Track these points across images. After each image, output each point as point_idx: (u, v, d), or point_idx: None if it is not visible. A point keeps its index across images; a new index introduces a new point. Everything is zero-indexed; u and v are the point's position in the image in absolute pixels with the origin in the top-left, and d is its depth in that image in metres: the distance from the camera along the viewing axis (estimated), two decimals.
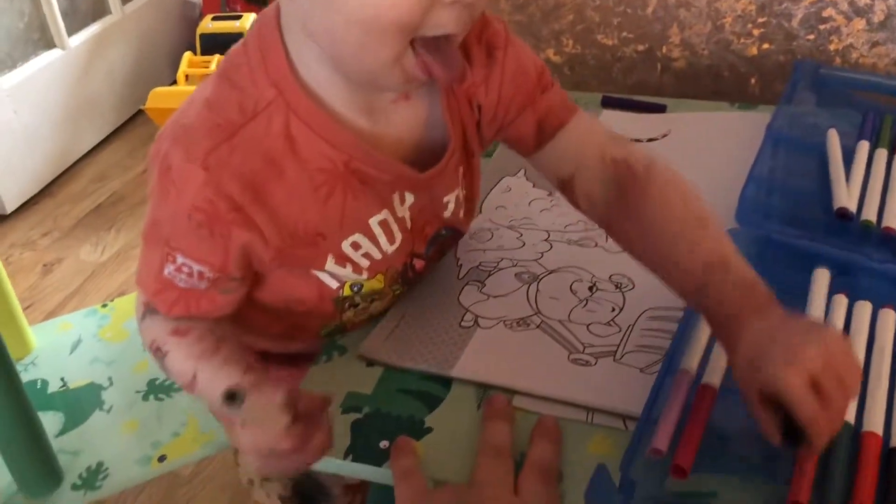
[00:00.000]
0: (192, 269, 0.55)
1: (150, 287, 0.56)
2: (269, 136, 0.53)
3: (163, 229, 0.54)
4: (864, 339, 0.59)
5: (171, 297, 0.56)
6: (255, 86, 0.53)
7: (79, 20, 2.15)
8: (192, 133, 0.53)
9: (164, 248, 0.54)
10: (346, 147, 0.55)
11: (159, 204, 0.54)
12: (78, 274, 1.80)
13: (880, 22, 0.94)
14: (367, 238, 0.60)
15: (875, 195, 0.73)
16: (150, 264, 0.56)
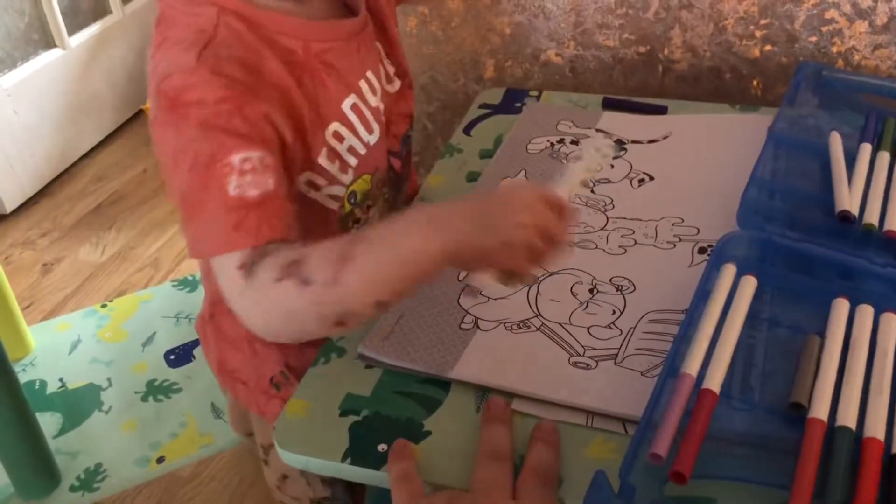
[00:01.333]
0: (252, 157, 0.52)
1: (224, 227, 0.51)
2: (233, 42, 0.55)
3: (203, 153, 0.51)
4: (866, 343, 0.58)
5: (251, 220, 0.51)
6: (195, 13, 0.55)
7: (79, 20, 2.15)
8: (171, 64, 0.53)
9: (212, 169, 0.51)
10: (298, 31, 0.57)
11: (187, 141, 0.51)
12: (77, 274, 1.80)
13: (883, 24, 0.94)
14: (345, 127, 0.61)
15: (877, 198, 0.73)
16: (211, 207, 0.51)
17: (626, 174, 0.83)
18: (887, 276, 0.63)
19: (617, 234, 0.75)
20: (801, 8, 0.95)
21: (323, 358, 0.65)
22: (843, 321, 0.60)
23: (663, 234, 0.74)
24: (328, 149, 0.60)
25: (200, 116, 0.52)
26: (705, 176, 0.81)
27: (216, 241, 0.52)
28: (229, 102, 0.52)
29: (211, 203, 0.52)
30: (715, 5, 0.98)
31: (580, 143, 0.88)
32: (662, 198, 0.79)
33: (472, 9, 1.07)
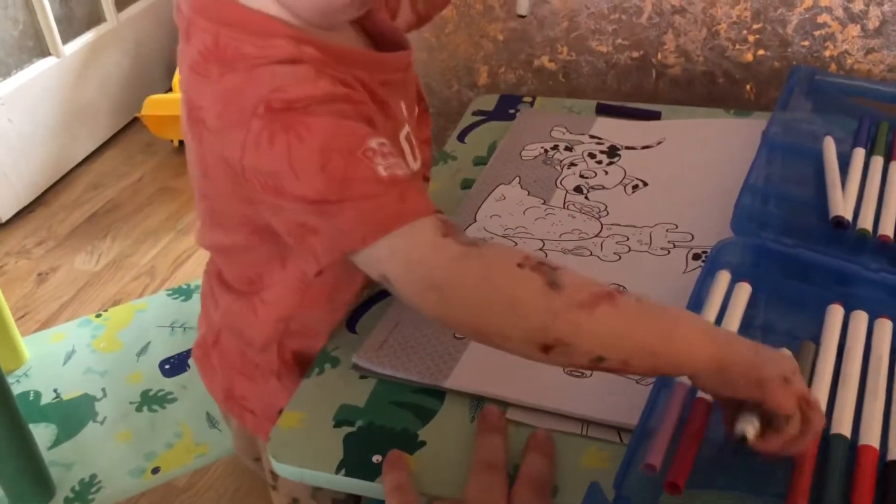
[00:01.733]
0: (386, 143, 0.50)
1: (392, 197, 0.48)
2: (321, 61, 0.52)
3: (338, 147, 0.48)
4: (861, 349, 0.58)
5: (412, 194, 0.49)
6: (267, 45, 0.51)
7: (73, 28, 2.14)
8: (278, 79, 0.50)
9: (353, 156, 0.48)
10: (365, 62, 0.57)
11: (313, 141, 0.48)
12: (72, 283, 1.79)
13: (875, 28, 0.94)
14: (400, 156, 0.59)
15: (871, 203, 0.73)
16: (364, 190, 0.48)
17: (620, 180, 0.83)
18: (881, 281, 0.63)
19: (612, 241, 0.75)
20: (793, 12, 0.95)
21: (317, 368, 0.65)
22: (838, 327, 0.60)
23: (658, 240, 0.74)
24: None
25: (324, 112, 0.49)
26: (699, 181, 0.81)
27: (386, 217, 0.48)
28: (351, 102, 0.51)
29: (363, 189, 0.48)
30: (707, 10, 0.98)
31: (573, 149, 0.88)
32: (656, 204, 0.79)
33: (465, 16, 1.07)
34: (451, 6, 1.07)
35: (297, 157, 0.48)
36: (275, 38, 0.52)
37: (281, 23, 0.53)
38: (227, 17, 0.53)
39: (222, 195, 0.58)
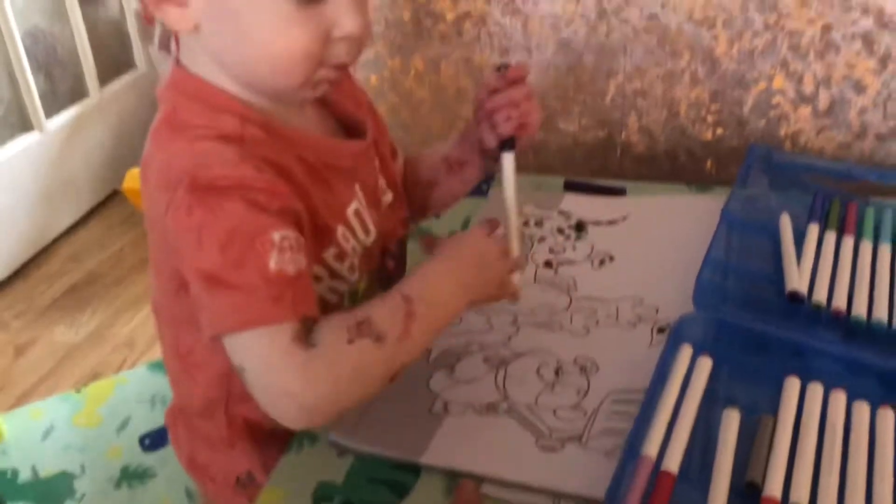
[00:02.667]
0: (289, 237, 0.54)
1: (264, 302, 0.52)
2: (262, 142, 0.58)
3: (241, 231, 0.52)
4: (816, 421, 0.61)
5: (289, 295, 0.52)
6: (216, 118, 0.57)
7: (57, 102, 2.18)
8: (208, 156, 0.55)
9: (255, 242, 0.52)
10: (310, 144, 0.61)
11: (222, 221, 0.52)
12: (51, 356, 1.79)
13: (825, 109, 0.99)
14: (348, 230, 0.64)
15: (825, 277, 0.76)
16: (251, 282, 0.52)
17: (588, 255, 0.87)
18: (835, 353, 0.66)
19: (581, 315, 0.77)
20: (748, 94, 1.01)
21: (296, 445, 0.66)
22: (795, 399, 0.63)
23: (624, 314, 0.77)
24: (337, 249, 0.63)
25: (238, 197, 0.53)
26: (663, 256, 0.85)
27: (254, 314, 0.52)
28: (268, 191, 0.54)
29: (247, 278, 0.52)
30: (668, 92, 1.03)
31: (543, 224, 0.92)
32: (623, 278, 0.82)
33: (438, 98, 1.12)
34: (426, 88, 1.12)
35: (206, 232, 0.53)
36: (224, 113, 0.58)
37: (236, 100, 0.59)
38: (188, 90, 0.59)
39: (157, 249, 0.63)
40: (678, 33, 1.00)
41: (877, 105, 0.98)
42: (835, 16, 0.94)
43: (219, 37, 0.57)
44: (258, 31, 0.55)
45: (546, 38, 1.05)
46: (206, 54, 0.58)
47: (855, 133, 1.00)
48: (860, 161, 1.01)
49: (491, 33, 1.07)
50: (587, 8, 1.01)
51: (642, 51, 1.02)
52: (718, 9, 0.97)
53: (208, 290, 0.53)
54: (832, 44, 0.96)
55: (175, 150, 0.57)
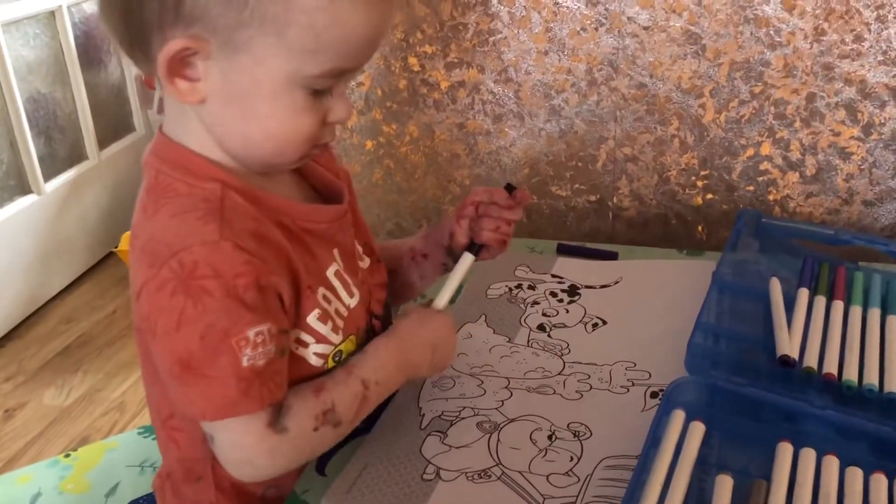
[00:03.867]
0: (264, 333, 0.56)
1: (235, 400, 0.56)
2: (243, 209, 0.59)
3: (219, 325, 0.55)
4: (810, 486, 0.61)
5: (259, 390, 0.57)
6: (197, 185, 0.59)
7: (56, 166, 2.20)
8: (189, 234, 0.56)
9: (229, 341, 0.55)
10: (287, 210, 0.63)
11: (202, 312, 0.54)
12: (41, 419, 1.77)
13: (812, 175, 1.01)
14: (330, 291, 0.65)
15: (815, 342, 0.77)
16: (222, 377, 0.55)
17: (581, 318, 0.87)
18: (827, 418, 0.66)
19: (574, 379, 0.78)
20: (737, 160, 1.03)
21: None
22: (788, 465, 0.63)
23: (617, 378, 0.77)
24: (320, 310, 0.64)
25: (219, 290, 0.55)
26: (655, 320, 0.85)
27: (225, 406, 0.56)
28: (246, 277, 0.55)
29: (222, 371, 0.55)
30: (658, 158, 1.05)
31: (536, 287, 0.92)
32: (615, 342, 0.83)
33: (433, 163, 1.14)
34: (420, 153, 1.14)
35: (185, 320, 0.55)
36: (206, 180, 0.59)
37: (218, 168, 0.60)
38: (170, 157, 0.61)
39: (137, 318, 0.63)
40: (666, 101, 1.02)
41: (863, 171, 1.00)
42: (818, 85, 0.97)
43: (224, 114, 0.58)
44: (269, 116, 0.58)
45: (538, 105, 1.08)
46: (201, 124, 0.60)
47: (842, 199, 1.02)
48: (848, 226, 1.02)
49: (484, 101, 1.09)
50: (578, 77, 1.04)
51: (632, 118, 1.04)
52: (705, 78, 1.00)
53: (181, 375, 0.56)
54: (817, 112, 0.98)
55: (158, 223, 0.58)
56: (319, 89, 0.58)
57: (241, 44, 0.55)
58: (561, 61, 1.04)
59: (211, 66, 0.56)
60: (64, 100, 2.23)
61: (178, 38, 0.54)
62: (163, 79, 0.56)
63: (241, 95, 0.57)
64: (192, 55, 0.55)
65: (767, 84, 0.99)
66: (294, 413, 0.60)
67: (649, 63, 1.01)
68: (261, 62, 0.55)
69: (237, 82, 0.56)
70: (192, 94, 0.57)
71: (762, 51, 0.97)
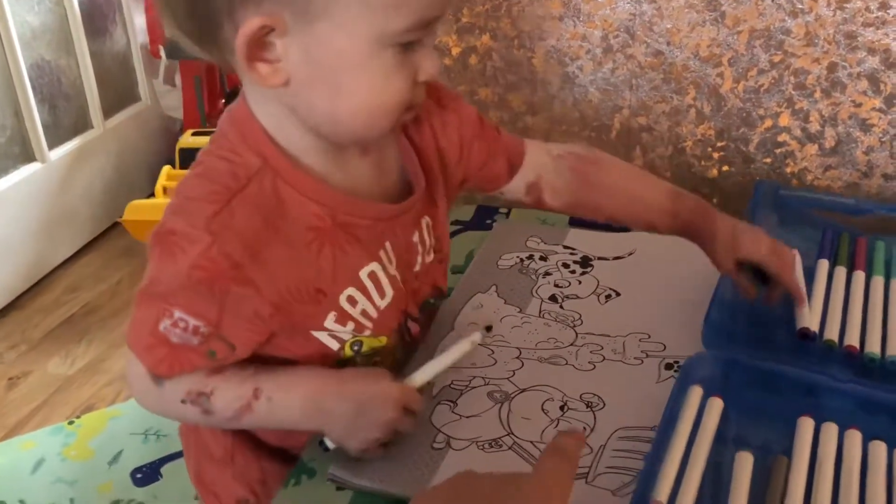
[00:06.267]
0: (188, 323, 0.57)
1: (143, 341, 0.58)
2: (262, 199, 0.57)
3: (161, 287, 0.57)
4: (832, 462, 0.59)
5: (160, 353, 0.58)
6: (240, 156, 0.58)
7: (60, 134, 2.18)
8: (192, 202, 0.57)
9: (160, 304, 0.57)
10: (330, 201, 0.60)
11: (160, 265, 0.57)
12: (44, 388, 1.76)
13: (831, 147, 0.99)
14: (360, 291, 0.63)
15: (836, 314, 0.75)
16: (144, 321, 0.58)
17: (594, 290, 0.85)
18: (849, 392, 0.64)
19: (586, 350, 0.76)
20: (754, 132, 1.01)
21: (293, 479, 0.64)
22: (809, 440, 0.61)
23: (631, 349, 0.76)
24: (339, 313, 0.62)
25: (180, 265, 0.55)
26: (669, 292, 0.83)
27: (135, 336, 0.59)
28: (203, 272, 0.55)
29: (146, 316, 0.58)
30: (673, 129, 1.03)
31: (548, 258, 0.91)
32: (629, 313, 0.81)
33: None
34: None
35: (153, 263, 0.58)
36: (253, 153, 0.58)
37: (274, 147, 0.58)
38: (240, 122, 0.60)
39: None
40: (683, 70, 1.00)
41: (883, 144, 0.97)
42: (840, 54, 0.94)
43: (308, 94, 0.55)
44: (359, 86, 0.54)
45: (551, 73, 1.05)
46: (281, 105, 0.57)
47: (861, 172, 1.00)
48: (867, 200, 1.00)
49: (496, 68, 1.07)
50: (593, 44, 1.02)
51: (648, 87, 1.02)
52: (724, 46, 0.97)
53: (136, 305, 0.59)
54: (838, 82, 0.96)
55: (188, 175, 0.60)
56: (409, 42, 0.54)
57: (318, 11, 0.51)
58: (576, 27, 1.01)
59: (290, 43, 0.53)
60: (68, 67, 2.21)
61: (252, 18, 0.51)
62: (243, 65, 0.53)
63: (327, 69, 0.54)
64: (269, 34, 0.52)
65: (788, 53, 0.96)
66: (178, 378, 0.60)
67: (666, 30, 0.98)
68: (342, 26, 0.52)
69: (320, 55, 0.53)
70: (274, 77, 0.54)
71: (783, 18, 0.94)
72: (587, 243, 0.93)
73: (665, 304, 0.82)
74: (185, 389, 0.61)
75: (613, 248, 0.92)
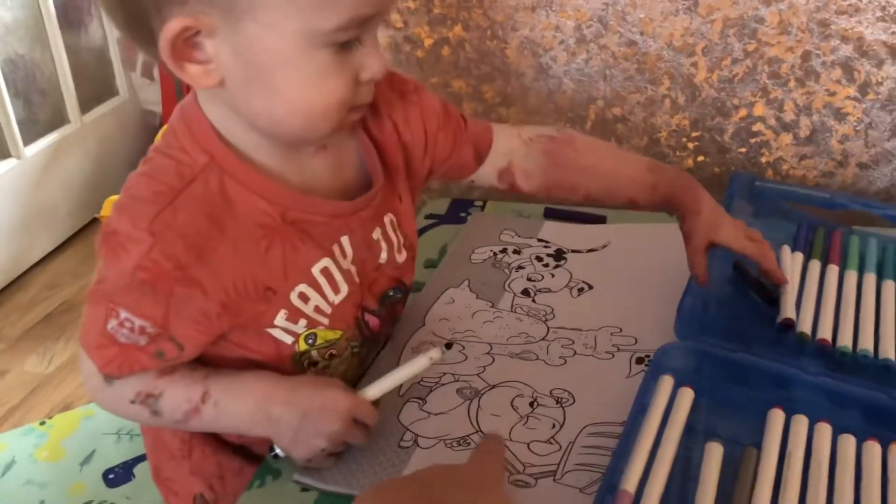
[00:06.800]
0: (135, 323, 0.56)
1: (93, 340, 0.58)
2: (208, 198, 0.56)
3: (108, 285, 0.56)
4: (801, 455, 0.58)
5: (109, 353, 0.57)
6: (187, 154, 0.57)
7: (36, 130, 2.16)
8: (136, 201, 0.56)
9: (107, 303, 0.56)
10: (280, 199, 0.59)
11: (107, 264, 0.56)
12: (22, 387, 1.74)
13: (806, 136, 0.98)
14: (312, 288, 0.62)
15: (809, 307, 0.74)
16: (94, 320, 0.57)
17: (566, 283, 0.84)
18: (820, 385, 0.64)
19: (557, 345, 0.75)
20: (729, 121, 1.00)
21: (258, 481, 0.63)
22: (779, 432, 0.60)
23: (602, 344, 0.75)
24: (290, 311, 0.61)
25: (124, 266, 0.54)
26: (643, 285, 0.83)
27: (86, 335, 0.58)
28: (147, 273, 0.54)
29: (95, 315, 0.57)
30: (648, 119, 1.02)
31: (522, 252, 0.90)
32: (601, 307, 0.80)
33: None
34: None
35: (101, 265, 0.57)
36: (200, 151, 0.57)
37: (222, 144, 0.57)
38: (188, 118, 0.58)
39: None
40: (657, 60, 0.99)
41: (858, 133, 0.97)
42: (814, 43, 0.93)
43: (244, 94, 0.54)
44: (293, 86, 0.53)
45: (525, 64, 1.04)
46: (225, 106, 0.56)
47: (837, 161, 0.99)
48: (842, 189, 1.00)
49: (469, 59, 1.06)
50: (566, 34, 1.00)
51: (622, 77, 1.01)
52: (697, 35, 0.96)
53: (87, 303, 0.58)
54: (812, 71, 0.95)
55: (135, 173, 0.58)
56: (345, 42, 0.52)
57: (244, 11, 0.49)
58: (549, 17, 1.00)
59: (219, 44, 0.51)
60: (43, 62, 2.18)
61: (176, 18, 0.49)
62: (170, 65, 0.52)
63: (260, 69, 0.52)
64: (196, 34, 0.51)
65: (762, 42, 0.95)
66: (128, 378, 0.60)
67: (640, 20, 0.97)
68: (270, 26, 0.50)
69: (251, 55, 0.51)
70: (206, 78, 0.53)
71: (756, 6, 0.93)
72: (561, 236, 0.92)
73: (638, 298, 0.81)
74: (134, 390, 0.60)
75: (588, 240, 0.91)
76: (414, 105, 0.69)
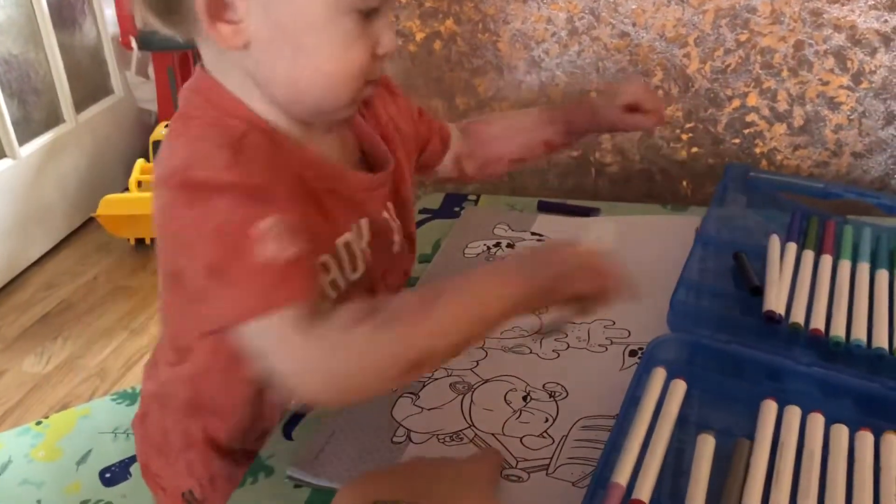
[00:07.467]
0: (278, 225, 0.51)
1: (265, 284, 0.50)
2: (262, 148, 0.56)
3: (233, 221, 0.51)
4: (794, 445, 0.58)
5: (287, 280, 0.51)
6: (223, 120, 0.56)
7: (31, 129, 2.16)
8: (199, 157, 0.53)
9: (245, 234, 0.50)
10: (313, 164, 0.59)
11: (212, 211, 0.51)
12: (20, 386, 1.74)
13: (800, 126, 0.98)
14: (334, 260, 0.62)
15: (803, 298, 0.74)
16: (245, 269, 0.50)
17: None
18: (813, 375, 0.63)
19: (550, 338, 0.75)
20: (722, 112, 0.99)
21: (251, 477, 0.63)
22: (772, 423, 0.60)
23: (595, 336, 0.74)
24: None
25: (231, 191, 0.51)
26: (636, 277, 0.82)
27: (251, 303, 0.50)
28: (257, 184, 0.52)
29: (244, 268, 0.50)
30: None
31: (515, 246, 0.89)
32: None
33: None
34: None
35: (197, 229, 0.52)
36: (231, 117, 0.57)
37: (246, 108, 0.57)
38: (202, 87, 0.58)
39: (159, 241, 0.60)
40: (650, 51, 0.98)
41: (852, 122, 0.96)
42: (807, 32, 0.93)
43: (269, 57, 0.55)
44: (319, 50, 0.55)
45: (517, 57, 1.03)
46: (242, 73, 0.57)
47: (831, 151, 0.99)
48: (836, 179, 0.99)
49: (461, 52, 1.05)
50: (558, 26, 1.00)
51: (615, 69, 1.00)
52: (690, 26, 0.96)
53: (210, 284, 0.51)
54: (805, 61, 0.95)
55: (175, 146, 0.56)
56: (368, 10, 0.55)
57: None
58: (540, 10, 0.99)
59: (252, 3, 0.53)
60: (37, 61, 2.18)
61: None
62: (204, 24, 0.53)
63: (287, 31, 0.54)
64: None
65: (754, 32, 0.95)
66: (333, 312, 0.51)
67: (631, 11, 0.97)
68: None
69: (281, 16, 0.53)
70: (235, 38, 0.54)
71: None
72: (555, 229, 0.92)
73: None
74: (348, 315, 0.51)
75: (581, 233, 0.91)
76: (401, 98, 0.72)
